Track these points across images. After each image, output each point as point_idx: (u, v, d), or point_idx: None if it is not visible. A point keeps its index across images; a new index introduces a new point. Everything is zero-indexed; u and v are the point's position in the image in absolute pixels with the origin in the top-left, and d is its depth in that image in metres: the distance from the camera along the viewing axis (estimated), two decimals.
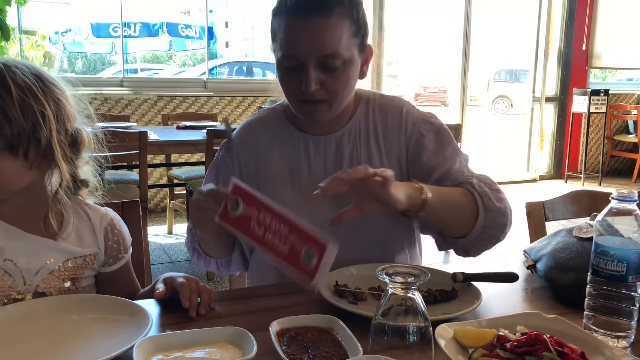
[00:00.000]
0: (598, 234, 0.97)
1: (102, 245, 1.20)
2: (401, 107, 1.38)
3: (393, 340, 0.85)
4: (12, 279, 1.09)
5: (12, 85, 1.04)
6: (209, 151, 3.11)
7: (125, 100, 5.01)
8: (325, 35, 1.19)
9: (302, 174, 1.34)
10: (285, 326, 0.94)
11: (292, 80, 1.24)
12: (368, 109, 1.39)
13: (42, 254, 1.12)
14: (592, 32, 6.73)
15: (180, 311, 1.06)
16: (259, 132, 1.40)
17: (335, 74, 1.22)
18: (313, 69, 1.20)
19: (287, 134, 1.37)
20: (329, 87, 1.23)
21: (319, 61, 1.20)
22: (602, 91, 6.39)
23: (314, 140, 1.35)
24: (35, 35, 4.99)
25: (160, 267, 3.68)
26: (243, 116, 5.41)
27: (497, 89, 16.76)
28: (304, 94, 1.23)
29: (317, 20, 1.18)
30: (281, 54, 1.23)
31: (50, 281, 1.12)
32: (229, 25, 12.40)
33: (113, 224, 1.23)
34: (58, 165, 1.10)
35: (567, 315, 1.01)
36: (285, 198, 1.28)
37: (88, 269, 1.18)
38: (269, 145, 1.37)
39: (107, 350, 0.87)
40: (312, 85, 1.21)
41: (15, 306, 1.03)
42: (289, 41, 1.21)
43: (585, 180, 6.62)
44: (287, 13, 1.21)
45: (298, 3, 1.20)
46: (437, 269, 1.23)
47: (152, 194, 5.21)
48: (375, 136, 1.36)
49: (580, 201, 1.76)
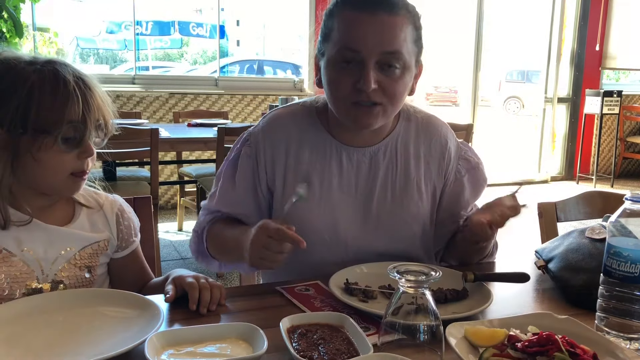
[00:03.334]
0: (611, 235, 0.96)
1: (115, 231, 1.22)
2: (446, 136, 1.36)
3: (403, 338, 0.85)
4: (31, 268, 1.10)
5: (71, 81, 1.07)
6: (219, 149, 3.11)
7: (137, 98, 5.04)
8: (391, 31, 1.14)
9: (332, 185, 1.29)
10: (296, 323, 0.95)
11: (346, 79, 1.16)
12: (410, 127, 1.34)
13: (58, 242, 1.13)
14: (605, 33, 6.67)
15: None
16: (289, 128, 1.31)
17: (394, 77, 1.17)
18: (373, 67, 1.14)
19: (320, 138, 1.30)
20: (387, 90, 1.17)
21: (380, 59, 1.14)
22: (615, 92, 6.33)
23: (347, 151, 1.29)
24: (49, 32, 5.03)
25: (170, 264, 3.70)
26: (254, 114, 5.42)
27: (509, 89, 16.65)
28: (358, 95, 1.16)
29: (384, 16, 1.14)
30: (337, 48, 1.16)
31: (68, 270, 1.14)
32: (240, 24, 12.42)
33: (123, 209, 1.25)
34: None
35: (579, 316, 1.01)
36: (312, 206, 1.27)
37: (103, 255, 1.20)
38: (299, 145, 1.29)
39: (119, 345, 0.88)
40: (371, 82, 1.14)
41: (30, 299, 1.04)
42: (351, 34, 1.15)
43: (597, 182, 6.56)
44: (350, 9, 1.16)
45: (363, 0, 1.15)
46: (448, 268, 1.23)
47: (163, 191, 5.23)
48: (416, 158, 1.33)
49: (593, 202, 1.75)
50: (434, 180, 1.34)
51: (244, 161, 1.31)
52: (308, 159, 1.29)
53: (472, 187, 1.37)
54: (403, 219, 1.31)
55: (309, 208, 1.26)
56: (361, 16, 1.14)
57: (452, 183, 1.36)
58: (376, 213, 1.30)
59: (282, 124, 1.32)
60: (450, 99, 16.51)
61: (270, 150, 1.30)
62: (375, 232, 1.30)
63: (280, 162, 1.29)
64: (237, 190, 1.31)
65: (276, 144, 1.30)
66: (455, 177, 1.36)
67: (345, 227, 1.28)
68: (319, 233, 1.27)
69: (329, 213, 1.28)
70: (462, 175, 1.36)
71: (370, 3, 1.14)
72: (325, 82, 1.22)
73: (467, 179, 1.36)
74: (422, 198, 1.32)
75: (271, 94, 5.50)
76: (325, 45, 1.20)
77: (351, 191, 1.29)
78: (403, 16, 1.16)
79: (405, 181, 1.31)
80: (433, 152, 1.34)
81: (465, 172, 1.36)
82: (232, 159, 1.34)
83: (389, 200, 1.30)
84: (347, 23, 1.16)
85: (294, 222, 1.16)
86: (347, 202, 1.29)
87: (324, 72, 1.22)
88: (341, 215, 1.28)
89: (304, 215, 1.26)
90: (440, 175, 1.35)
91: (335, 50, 1.17)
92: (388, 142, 1.31)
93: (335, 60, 1.17)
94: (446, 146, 1.35)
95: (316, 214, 1.27)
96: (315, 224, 1.27)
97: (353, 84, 1.16)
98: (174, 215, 4.82)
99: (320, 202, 1.28)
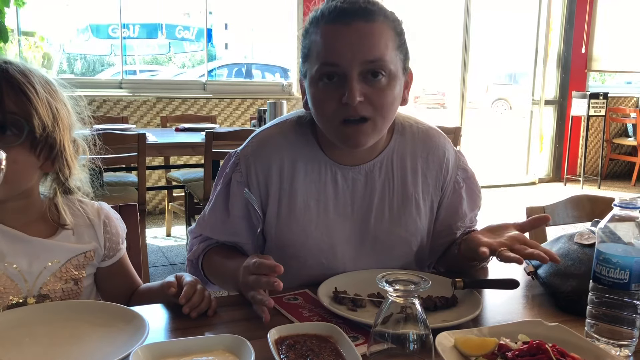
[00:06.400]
0: (600, 240, 0.96)
1: (102, 240, 1.19)
2: (444, 147, 1.32)
3: (393, 348, 0.84)
4: (14, 283, 1.08)
5: (37, 83, 1.06)
6: (207, 153, 3.10)
7: (124, 102, 5.00)
8: (369, 39, 1.10)
9: (328, 207, 1.25)
10: (284, 334, 0.93)
11: (331, 97, 1.12)
12: (405, 140, 1.29)
13: (43, 255, 1.11)
14: (591, 35, 6.73)
15: (178, 319, 1.05)
16: (281, 150, 1.25)
17: (380, 87, 1.12)
18: (356, 79, 1.10)
19: (314, 158, 1.25)
20: (375, 102, 1.12)
21: (362, 70, 1.10)
22: (601, 94, 6.39)
23: (342, 170, 1.25)
24: (34, 37, 4.98)
25: (158, 270, 3.67)
26: (242, 118, 5.40)
27: (496, 91, 16.75)
28: (345, 111, 1.11)
29: (360, 24, 1.10)
30: (317, 66, 1.12)
31: (54, 283, 1.11)
32: (228, 27, 12.39)
33: (110, 217, 1.23)
34: (64, 166, 1.11)
35: (569, 322, 1.00)
36: (309, 230, 1.24)
37: (89, 266, 1.17)
38: (293, 168, 1.24)
39: (103, 358, 0.86)
40: (356, 95, 1.09)
41: (11, 312, 1.02)
42: (329, 47, 1.11)
43: (585, 184, 6.61)
44: (325, 23, 1.12)
45: (338, 10, 1.11)
46: (437, 275, 1.22)
47: (151, 196, 5.20)
48: (413, 172, 1.29)
49: (581, 206, 1.75)
50: (431, 194, 1.31)
51: (235, 188, 1.26)
52: (303, 181, 1.24)
53: (469, 198, 1.35)
54: (401, 236, 1.28)
55: (305, 231, 1.24)
56: (336, 28, 1.10)
57: (451, 194, 1.33)
58: (374, 233, 1.27)
59: (273, 146, 1.26)
60: (438, 101, 16.58)
61: (263, 175, 1.25)
62: (373, 251, 1.28)
63: (274, 186, 1.25)
64: (232, 219, 1.27)
65: (268, 168, 1.25)
66: (454, 188, 1.33)
67: (343, 249, 1.26)
68: (315, 257, 1.25)
69: (326, 237, 1.25)
70: (460, 187, 1.33)
71: (344, 14, 1.10)
72: (312, 104, 1.17)
73: (464, 190, 1.34)
74: (420, 214, 1.30)
75: (260, 97, 5.49)
76: (306, 65, 1.17)
77: (347, 212, 1.27)
78: (381, 22, 1.12)
79: (403, 198, 1.28)
80: (431, 165, 1.30)
81: (463, 183, 1.34)
82: (223, 185, 1.29)
83: (387, 218, 1.27)
84: (323, 38, 1.12)
85: (290, 246, 1.14)
86: (343, 224, 1.26)
87: (309, 93, 1.17)
88: (338, 238, 1.26)
89: (300, 239, 1.24)
90: (438, 187, 1.32)
91: (315, 68, 1.13)
92: (383, 158, 1.27)
93: (317, 78, 1.13)
94: (444, 157, 1.31)
95: (313, 238, 1.25)
96: (311, 248, 1.25)
97: (338, 99, 1.11)
98: (162, 221, 4.79)
99: (317, 226, 1.25)
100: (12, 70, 1.04)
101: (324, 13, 1.13)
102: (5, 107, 1.01)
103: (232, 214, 1.27)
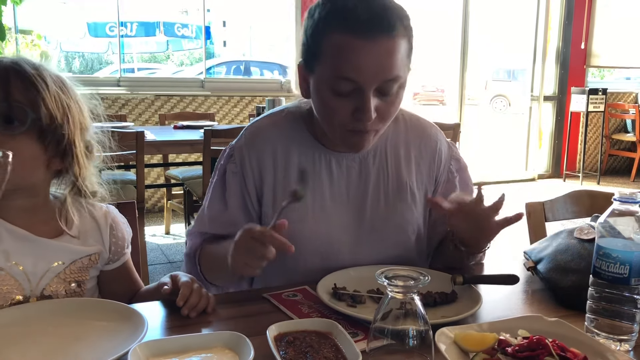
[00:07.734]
0: (600, 235, 0.96)
1: (107, 243, 1.18)
2: (436, 137, 1.33)
3: (392, 344, 0.84)
4: (18, 282, 1.07)
5: (49, 77, 1.06)
6: (206, 151, 3.09)
7: (122, 100, 4.99)
8: (392, 57, 1.07)
9: (324, 195, 1.25)
10: (283, 330, 0.93)
11: (342, 106, 1.10)
12: (398, 128, 1.30)
13: (48, 256, 1.10)
14: (590, 31, 6.72)
15: (177, 316, 1.04)
16: (274, 140, 1.25)
17: (390, 99, 1.11)
18: (372, 96, 1.08)
19: (308, 147, 1.25)
20: (383, 115, 1.12)
21: (379, 86, 1.08)
22: (600, 90, 6.38)
23: (336, 157, 1.25)
24: (32, 35, 4.97)
25: (157, 268, 3.66)
26: (240, 116, 5.39)
27: (495, 88, 16.76)
28: (356, 123, 1.11)
29: (383, 41, 1.06)
30: (332, 76, 1.09)
31: (56, 284, 1.10)
32: (226, 25, 12.37)
33: (117, 221, 1.22)
34: (74, 164, 1.10)
35: (569, 317, 1.00)
36: (305, 218, 1.24)
37: (93, 269, 1.17)
38: (286, 157, 1.24)
39: (102, 356, 0.85)
40: (372, 113, 1.08)
41: (10, 310, 1.01)
42: (349, 62, 1.06)
43: (584, 179, 6.61)
44: (343, 30, 1.06)
45: (359, 21, 1.05)
46: (436, 271, 1.22)
47: (150, 194, 5.19)
48: (407, 160, 1.30)
49: (581, 201, 1.75)
50: (425, 184, 1.32)
51: (231, 179, 1.26)
52: (297, 169, 1.24)
53: (463, 188, 1.35)
54: (397, 224, 1.28)
55: (301, 220, 1.23)
56: (358, 43, 1.05)
57: (444, 184, 1.34)
58: (370, 220, 1.27)
59: (265, 136, 1.26)
60: (437, 98, 16.58)
61: (257, 165, 1.25)
62: (370, 239, 1.27)
63: (269, 176, 1.25)
64: (230, 210, 1.26)
65: (262, 157, 1.24)
66: (448, 178, 1.34)
67: (339, 237, 1.26)
68: (312, 244, 1.24)
69: (322, 224, 1.25)
70: (454, 177, 1.34)
71: (367, 26, 1.05)
72: (318, 104, 1.16)
73: (458, 180, 1.35)
74: (415, 201, 1.30)
75: (258, 95, 5.48)
76: (314, 63, 1.13)
77: (343, 199, 1.27)
78: (401, 35, 1.08)
79: (398, 185, 1.29)
80: (424, 153, 1.32)
81: (457, 173, 1.35)
82: (219, 177, 1.29)
83: (382, 205, 1.28)
84: (341, 49, 1.06)
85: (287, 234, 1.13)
86: (339, 211, 1.26)
87: (316, 92, 1.15)
88: (334, 225, 1.26)
89: (296, 227, 1.23)
90: (431, 177, 1.33)
91: (328, 76, 1.09)
92: (377, 146, 1.28)
93: (330, 86, 1.10)
94: (437, 148, 1.33)
95: (309, 226, 1.24)
96: (308, 236, 1.24)
97: (350, 111, 1.10)
98: (161, 219, 4.78)
99: (313, 213, 1.25)
100: (23, 64, 1.05)
101: (344, 15, 1.07)
102: (12, 96, 1.02)
103: (230, 204, 1.27)
